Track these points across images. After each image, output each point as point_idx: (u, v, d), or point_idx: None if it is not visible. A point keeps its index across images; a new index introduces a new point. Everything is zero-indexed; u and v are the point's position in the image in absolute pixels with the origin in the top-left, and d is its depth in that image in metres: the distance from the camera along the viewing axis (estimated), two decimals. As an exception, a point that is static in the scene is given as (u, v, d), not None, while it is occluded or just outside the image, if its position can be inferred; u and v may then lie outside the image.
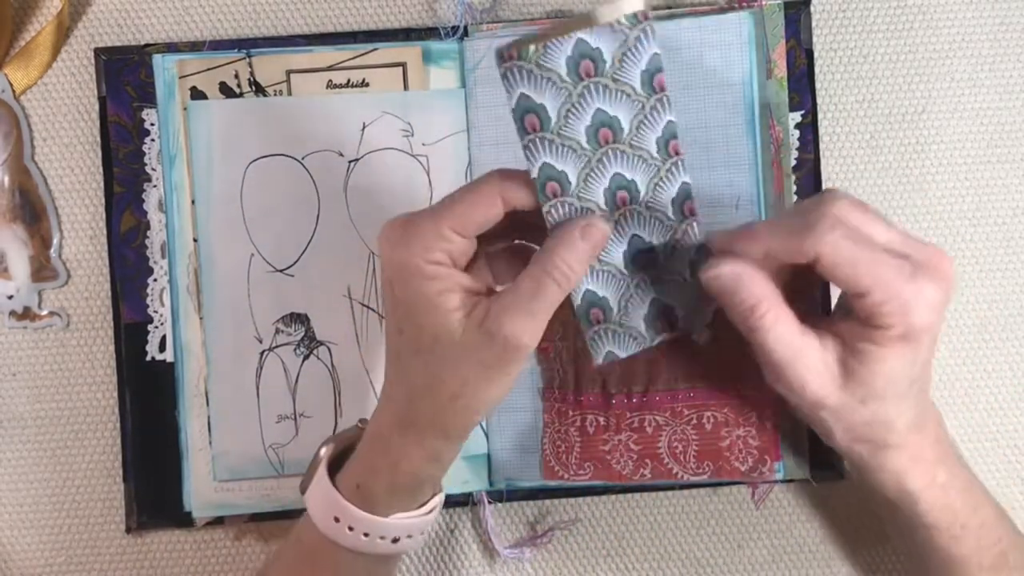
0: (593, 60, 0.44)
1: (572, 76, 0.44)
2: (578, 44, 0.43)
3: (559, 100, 0.44)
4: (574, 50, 0.43)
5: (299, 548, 0.51)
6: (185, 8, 0.60)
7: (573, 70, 0.44)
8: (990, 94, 0.60)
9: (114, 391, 0.60)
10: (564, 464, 0.58)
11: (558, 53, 0.43)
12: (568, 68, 0.44)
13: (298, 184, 0.59)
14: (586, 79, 0.44)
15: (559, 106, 0.44)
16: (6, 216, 0.60)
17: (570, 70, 0.44)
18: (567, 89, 0.44)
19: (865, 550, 0.60)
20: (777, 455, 0.57)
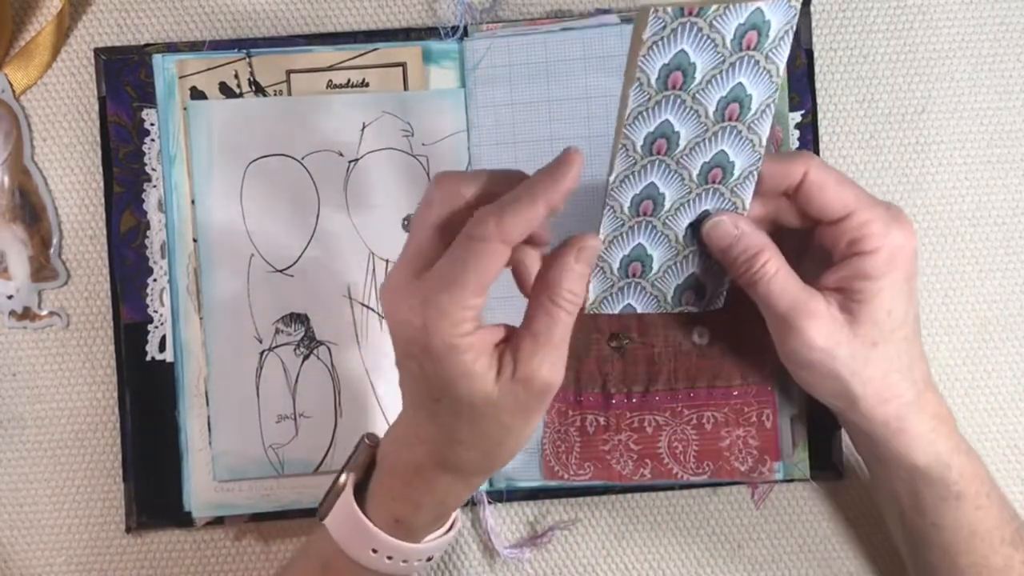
0: (759, 32, 0.43)
1: (735, 44, 0.43)
2: (754, 14, 0.42)
3: (711, 64, 0.43)
4: (750, 18, 0.43)
5: (313, 563, 0.51)
6: (185, 8, 0.60)
7: (738, 39, 0.43)
8: (990, 94, 0.60)
9: (114, 391, 0.60)
10: (564, 464, 0.58)
11: (732, 19, 0.42)
12: (735, 35, 0.43)
13: (298, 184, 0.59)
14: (744, 51, 0.43)
15: (708, 69, 0.43)
16: (6, 216, 0.60)
17: (735, 39, 0.43)
18: (723, 55, 0.43)
19: (865, 550, 0.60)
20: (777, 455, 0.57)
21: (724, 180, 0.47)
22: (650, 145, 0.45)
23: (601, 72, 0.57)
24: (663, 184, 0.47)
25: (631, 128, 0.45)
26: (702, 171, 0.47)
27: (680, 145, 0.45)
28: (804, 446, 0.58)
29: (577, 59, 0.57)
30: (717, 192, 0.47)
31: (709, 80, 0.44)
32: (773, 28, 0.43)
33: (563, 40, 0.57)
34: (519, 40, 0.58)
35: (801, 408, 0.57)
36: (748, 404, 0.57)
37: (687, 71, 0.43)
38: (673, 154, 0.46)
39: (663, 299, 0.50)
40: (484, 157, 0.58)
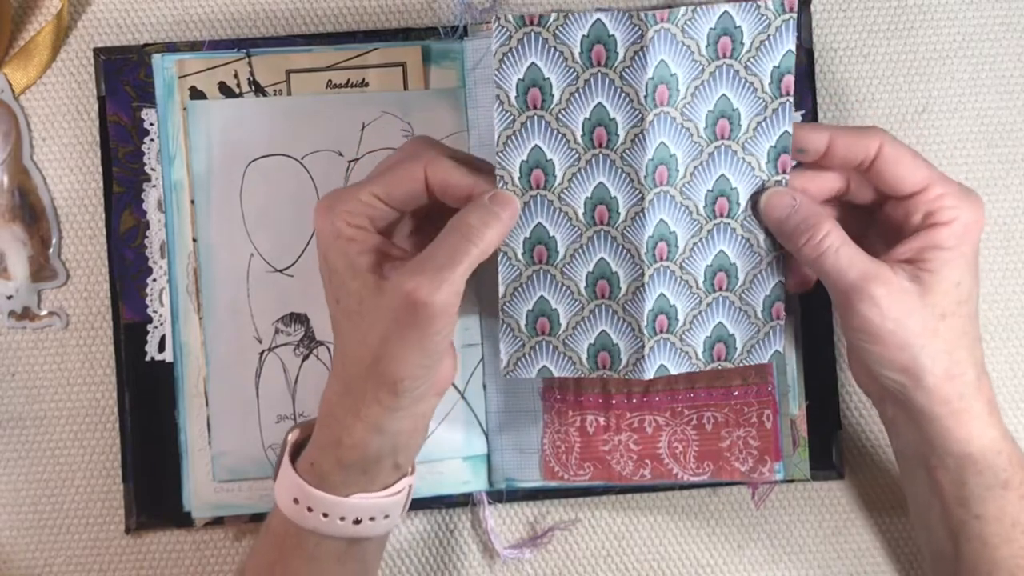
0: (732, 38, 0.42)
1: (710, 51, 0.42)
2: (722, 18, 0.41)
3: (692, 74, 0.42)
4: (718, 22, 0.41)
5: (269, 537, 0.51)
6: (185, 8, 0.60)
7: (713, 45, 0.42)
8: (990, 94, 0.60)
9: (114, 391, 0.60)
10: (564, 464, 0.58)
11: (702, 23, 0.41)
12: (708, 40, 0.41)
13: (298, 184, 0.59)
14: (721, 59, 0.42)
15: (690, 80, 0.42)
16: (5, 216, 0.60)
17: (710, 43, 0.42)
18: (701, 64, 0.42)
19: (865, 550, 0.61)
20: (777, 455, 0.57)
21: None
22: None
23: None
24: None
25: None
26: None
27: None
28: (804, 446, 0.58)
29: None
30: (728, 228, 0.46)
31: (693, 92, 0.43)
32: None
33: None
34: (519, 40, 0.58)
35: (801, 408, 0.57)
36: (748, 404, 0.57)
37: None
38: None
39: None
40: (484, 157, 0.58)
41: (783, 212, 0.47)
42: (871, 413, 0.60)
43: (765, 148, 0.44)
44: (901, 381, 0.48)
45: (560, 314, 0.47)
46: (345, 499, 0.48)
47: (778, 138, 0.44)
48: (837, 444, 0.59)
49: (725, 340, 0.49)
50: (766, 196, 0.47)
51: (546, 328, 0.47)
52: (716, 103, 0.43)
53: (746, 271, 0.47)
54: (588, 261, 0.46)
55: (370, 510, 0.49)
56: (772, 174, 0.45)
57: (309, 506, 0.48)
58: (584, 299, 0.47)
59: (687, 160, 0.43)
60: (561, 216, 0.45)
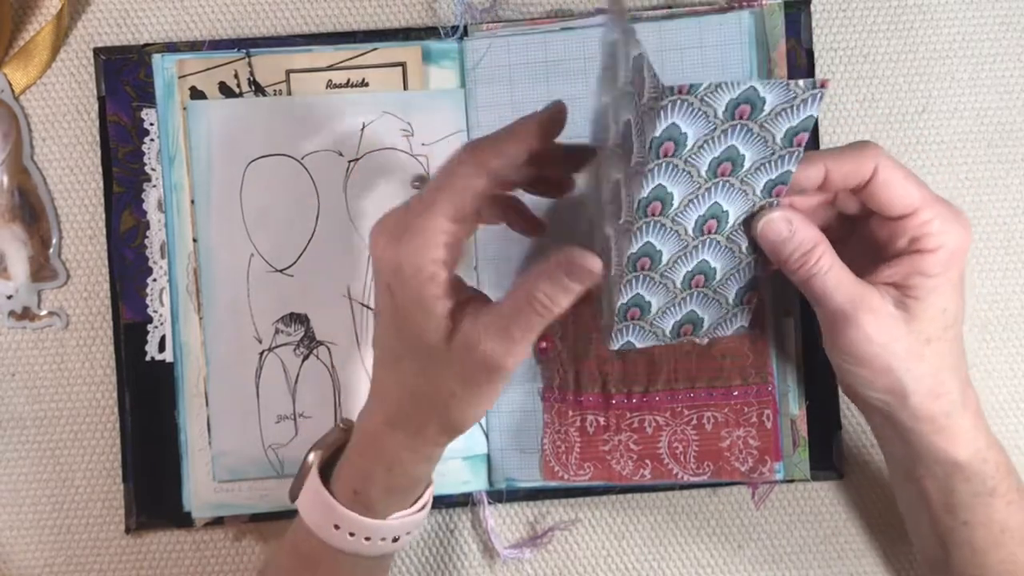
0: (752, 106, 0.42)
1: (727, 115, 0.43)
2: (746, 92, 0.42)
3: (704, 131, 0.43)
4: (741, 95, 0.42)
5: (297, 555, 0.51)
6: (185, 8, 0.60)
7: (731, 112, 0.43)
8: (990, 94, 0.60)
9: (114, 391, 0.60)
10: (564, 464, 0.58)
11: (725, 95, 0.42)
12: (726, 109, 0.42)
13: (298, 184, 0.59)
14: (736, 120, 0.43)
15: (700, 136, 0.43)
16: (5, 216, 0.60)
17: (727, 111, 0.42)
18: (715, 123, 0.43)
19: (865, 550, 0.60)
20: (778, 455, 0.57)
21: (719, 229, 0.46)
22: (645, 208, 0.45)
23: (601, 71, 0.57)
24: (660, 242, 0.46)
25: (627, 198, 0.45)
26: (696, 225, 0.46)
27: (674, 205, 0.45)
28: (804, 446, 0.58)
29: (577, 59, 0.57)
30: (714, 241, 0.47)
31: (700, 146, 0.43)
32: (767, 104, 0.42)
33: (563, 40, 0.57)
34: (519, 40, 0.58)
35: (801, 408, 0.57)
36: (748, 404, 0.57)
37: (678, 141, 0.42)
38: (668, 213, 0.45)
39: (662, 335, 0.50)
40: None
41: (779, 237, 0.47)
42: (871, 413, 0.60)
43: (763, 181, 0.45)
44: (886, 400, 0.49)
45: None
46: (388, 522, 0.49)
47: (779, 175, 0.45)
48: (837, 444, 0.59)
49: (694, 322, 0.50)
50: (763, 222, 0.47)
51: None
52: (723, 151, 0.44)
53: (725, 271, 0.48)
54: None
55: (407, 527, 0.50)
56: (764, 198, 0.45)
57: (351, 531, 0.49)
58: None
59: (681, 196, 0.44)
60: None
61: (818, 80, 0.42)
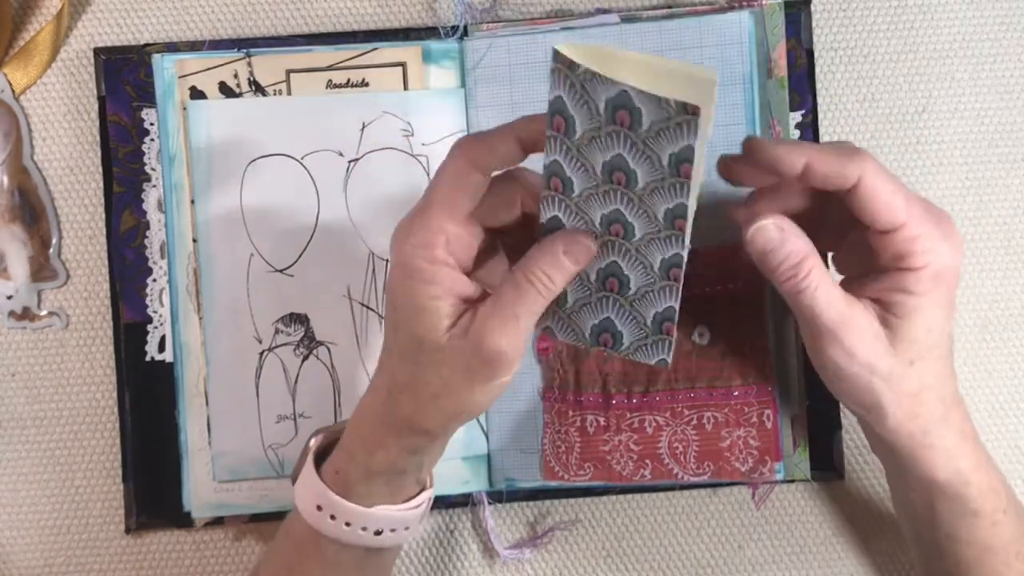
0: (630, 114, 0.41)
1: (607, 115, 0.42)
2: (621, 95, 0.41)
3: (588, 124, 0.42)
4: (617, 97, 0.41)
5: (287, 541, 0.51)
6: (185, 8, 0.60)
7: (610, 113, 0.42)
8: (990, 94, 0.60)
9: (114, 391, 0.60)
10: (564, 464, 0.58)
11: (602, 90, 0.41)
12: (606, 107, 0.42)
13: (298, 184, 0.59)
14: (618, 126, 0.42)
15: (586, 129, 0.43)
16: (5, 216, 0.60)
17: (607, 110, 0.42)
18: (598, 121, 0.42)
19: (866, 551, 0.60)
20: (778, 455, 0.57)
21: (627, 237, 0.45)
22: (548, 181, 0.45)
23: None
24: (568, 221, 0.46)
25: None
26: (602, 223, 0.45)
27: (575, 192, 0.45)
28: (804, 446, 0.58)
29: (577, 59, 0.57)
30: (623, 248, 0.46)
31: (588, 140, 0.43)
32: (644, 119, 0.41)
33: (563, 40, 0.57)
34: (519, 40, 0.58)
35: (801, 408, 0.57)
36: (748, 404, 0.57)
37: (568, 121, 0.42)
38: (570, 196, 0.45)
39: (580, 336, 0.49)
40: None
41: (768, 246, 0.46)
42: (871, 413, 0.60)
43: (662, 209, 0.44)
44: (865, 416, 0.48)
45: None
46: (368, 510, 0.48)
47: (675, 205, 0.44)
48: (837, 444, 0.59)
49: (612, 333, 0.49)
50: (754, 228, 0.46)
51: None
52: (613, 157, 0.43)
53: (638, 286, 0.47)
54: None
55: (392, 522, 0.49)
56: (667, 229, 0.44)
57: (332, 514, 0.48)
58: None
59: (580, 186, 0.44)
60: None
61: (689, 106, 0.40)
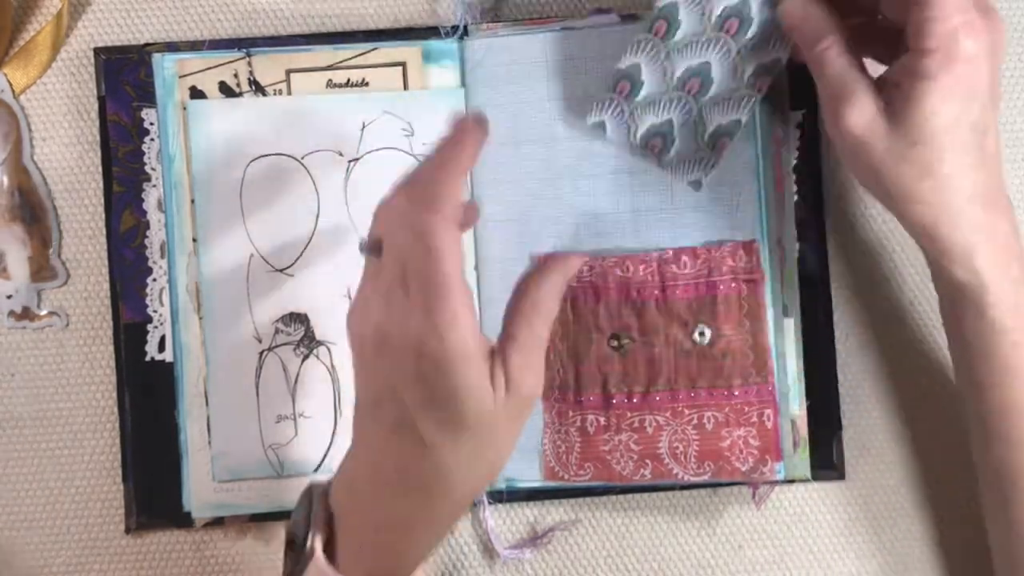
0: (740, 21, 0.50)
1: (718, 21, 0.50)
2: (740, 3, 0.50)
3: (654, 88, 0.53)
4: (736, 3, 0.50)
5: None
6: (185, 8, 0.60)
7: (722, 20, 0.50)
8: (991, 94, 0.60)
9: (114, 391, 0.60)
10: (564, 464, 0.58)
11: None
12: (720, 14, 0.51)
13: (298, 184, 0.59)
14: (723, 34, 0.50)
15: (650, 92, 0.53)
16: (5, 216, 0.60)
17: (721, 16, 0.51)
18: (665, 87, 0.52)
19: (865, 550, 0.60)
20: (778, 455, 0.57)
21: (738, 33, 0.52)
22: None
23: (602, 72, 0.57)
24: (683, 13, 0.53)
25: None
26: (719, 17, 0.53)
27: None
28: (804, 446, 0.58)
29: (577, 59, 0.57)
30: (724, 50, 0.53)
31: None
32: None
33: (564, 40, 0.57)
34: (519, 40, 0.58)
35: (801, 408, 0.57)
36: (749, 404, 0.57)
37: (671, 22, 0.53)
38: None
39: (632, 134, 0.55)
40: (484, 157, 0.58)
41: (794, 21, 0.50)
42: (871, 413, 0.60)
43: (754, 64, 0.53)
44: (877, 196, 0.50)
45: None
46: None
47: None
48: (837, 444, 0.59)
49: (665, 137, 0.55)
50: (782, 6, 0.50)
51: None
52: (699, 65, 0.53)
53: (719, 90, 0.54)
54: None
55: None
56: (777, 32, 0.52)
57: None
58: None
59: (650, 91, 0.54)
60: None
61: None
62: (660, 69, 0.53)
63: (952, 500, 0.60)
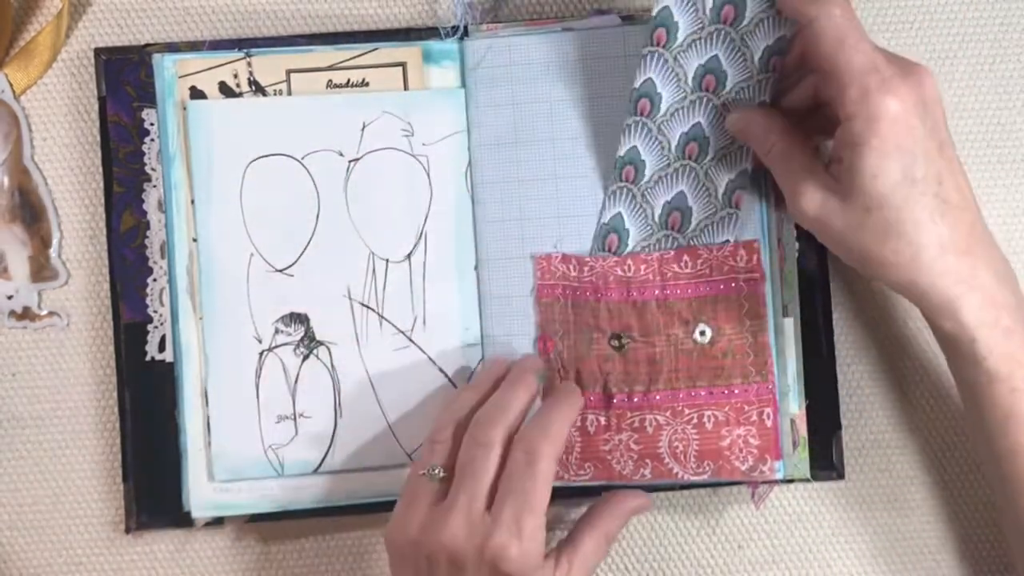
0: (735, 7, 0.51)
1: (714, 13, 0.51)
2: (712, 59, 0.52)
3: (675, 97, 0.53)
4: (707, 61, 0.52)
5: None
6: (185, 8, 0.60)
7: (718, 9, 0.51)
8: (990, 94, 0.60)
9: (114, 391, 0.60)
10: (564, 464, 0.57)
11: (694, 56, 0.53)
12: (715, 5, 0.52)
13: (298, 184, 0.59)
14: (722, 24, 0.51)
15: (672, 102, 0.53)
16: (6, 216, 0.60)
17: (715, 7, 0.52)
18: (702, 22, 0.52)
19: (865, 550, 0.60)
20: (778, 454, 0.57)
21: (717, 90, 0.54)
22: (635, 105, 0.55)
23: (602, 72, 0.57)
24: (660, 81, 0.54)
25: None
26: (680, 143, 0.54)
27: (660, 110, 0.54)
28: (804, 446, 0.58)
29: (578, 59, 0.57)
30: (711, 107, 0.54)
31: (671, 114, 0.54)
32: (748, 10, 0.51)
33: (564, 40, 0.57)
34: (520, 40, 0.58)
35: (801, 408, 0.57)
36: (749, 403, 0.57)
37: (654, 100, 0.53)
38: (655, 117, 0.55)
39: (651, 215, 0.56)
40: (484, 157, 0.58)
41: (740, 125, 0.53)
42: (871, 413, 0.60)
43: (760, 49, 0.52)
44: (865, 273, 0.51)
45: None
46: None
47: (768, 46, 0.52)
48: (837, 444, 0.59)
49: (683, 211, 0.56)
50: (730, 117, 0.53)
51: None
52: (708, 60, 0.52)
53: (716, 147, 0.54)
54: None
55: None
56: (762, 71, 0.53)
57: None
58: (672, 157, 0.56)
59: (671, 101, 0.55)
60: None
61: None
62: (673, 76, 0.53)
63: (952, 500, 0.60)
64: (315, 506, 0.59)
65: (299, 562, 0.61)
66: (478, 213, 0.59)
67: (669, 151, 0.54)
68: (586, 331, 0.57)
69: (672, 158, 0.54)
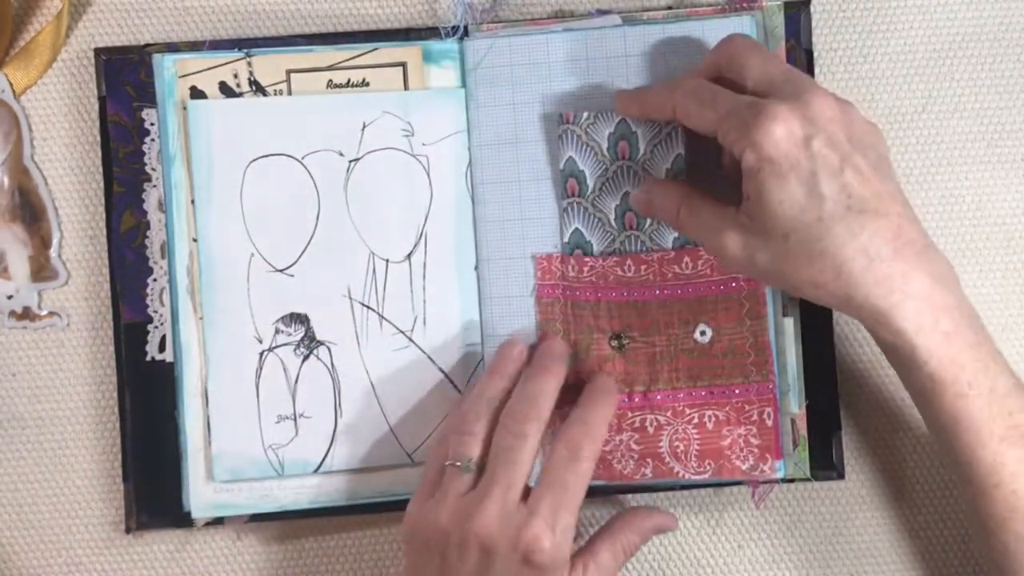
0: (628, 143, 0.54)
1: (611, 152, 0.54)
2: (620, 124, 0.55)
3: (597, 170, 0.56)
4: (616, 128, 0.55)
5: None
6: (185, 8, 0.60)
7: (613, 146, 0.55)
8: (990, 94, 0.60)
9: (114, 391, 0.60)
10: (564, 464, 0.57)
11: (603, 126, 0.55)
12: (608, 144, 0.55)
13: (298, 184, 0.59)
14: (620, 160, 0.54)
15: (596, 176, 0.56)
16: (6, 216, 0.60)
17: (610, 146, 0.55)
18: (604, 164, 0.55)
19: (865, 550, 0.60)
20: (778, 453, 0.57)
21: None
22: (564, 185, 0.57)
23: (602, 72, 0.57)
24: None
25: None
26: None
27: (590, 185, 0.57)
28: (804, 446, 0.58)
29: (578, 59, 0.57)
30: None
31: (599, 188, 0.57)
32: (641, 141, 0.56)
33: (564, 40, 0.57)
34: (520, 40, 0.58)
35: (801, 408, 0.57)
36: (749, 402, 0.57)
37: (579, 179, 0.57)
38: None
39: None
40: (484, 157, 0.58)
41: (643, 204, 0.55)
42: (871, 413, 0.60)
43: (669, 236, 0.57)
44: (796, 295, 0.52)
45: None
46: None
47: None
48: (837, 444, 0.59)
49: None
50: (631, 199, 0.56)
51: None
52: (621, 198, 0.55)
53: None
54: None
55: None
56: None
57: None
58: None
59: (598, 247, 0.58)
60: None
61: None
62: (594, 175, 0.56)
63: (952, 500, 0.60)
64: (315, 506, 0.59)
65: (299, 562, 0.61)
66: (478, 213, 0.59)
67: (603, 155, 0.55)
68: (586, 331, 0.57)
69: (608, 160, 0.56)
